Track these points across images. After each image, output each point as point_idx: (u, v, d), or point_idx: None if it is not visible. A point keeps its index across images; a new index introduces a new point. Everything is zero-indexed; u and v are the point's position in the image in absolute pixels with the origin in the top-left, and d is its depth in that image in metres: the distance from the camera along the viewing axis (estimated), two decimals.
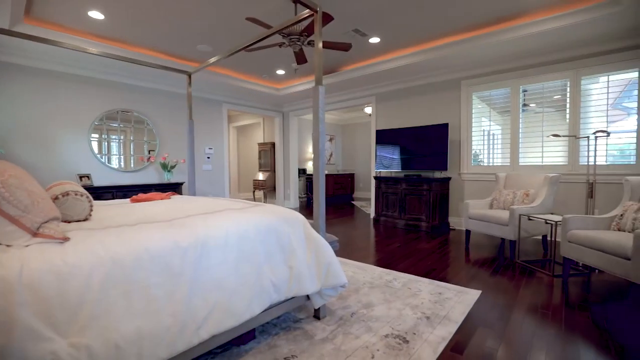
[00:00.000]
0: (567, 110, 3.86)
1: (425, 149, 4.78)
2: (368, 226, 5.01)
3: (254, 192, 8.47)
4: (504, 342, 1.70)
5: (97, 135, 4.49)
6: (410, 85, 5.17)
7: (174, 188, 4.95)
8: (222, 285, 1.38)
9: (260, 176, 8.10)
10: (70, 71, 4.18)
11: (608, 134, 3.29)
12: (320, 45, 1.91)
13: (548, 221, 2.80)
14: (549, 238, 3.58)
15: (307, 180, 8.34)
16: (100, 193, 4.16)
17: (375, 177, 5.30)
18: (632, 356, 1.56)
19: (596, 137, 3.30)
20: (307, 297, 1.85)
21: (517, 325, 1.88)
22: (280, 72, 5.20)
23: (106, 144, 4.59)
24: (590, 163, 3.53)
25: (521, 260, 3.10)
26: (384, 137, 5.32)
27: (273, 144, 7.81)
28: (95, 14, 3.17)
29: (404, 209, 4.87)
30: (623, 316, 1.97)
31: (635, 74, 3.46)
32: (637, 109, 3.44)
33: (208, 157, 5.91)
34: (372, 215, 5.55)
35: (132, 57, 3.23)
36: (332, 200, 8.28)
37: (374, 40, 3.91)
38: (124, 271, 1.13)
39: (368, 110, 7.08)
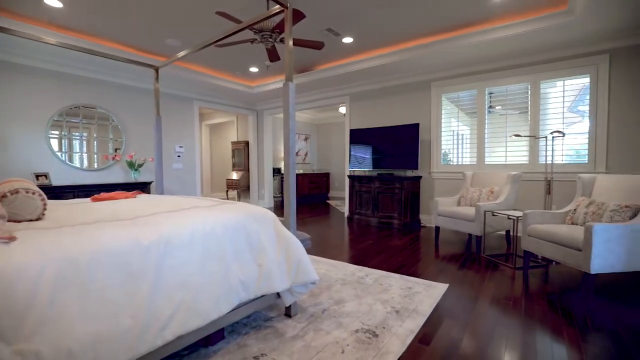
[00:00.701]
0: (529, 113, 4.08)
1: (397, 148, 4.88)
2: (342, 224, 5.05)
3: (227, 191, 8.30)
4: (469, 331, 1.77)
5: (57, 132, 4.22)
6: (383, 85, 5.27)
7: (142, 187, 4.75)
8: (188, 284, 1.34)
9: (234, 175, 7.95)
10: (24, 62, 3.89)
11: (563, 134, 3.51)
12: (291, 42, 1.90)
13: (510, 216, 2.95)
14: (511, 233, 3.77)
15: (282, 179, 8.28)
16: (59, 193, 3.91)
17: (349, 176, 5.35)
18: (584, 339, 1.67)
19: (553, 138, 3.52)
20: (278, 295, 1.84)
21: (481, 315, 1.96)
22: (254, 69, 5.13)
23: (67, 141, 4.32)
24: (548, 162, 3.76)
25: (486, 255, 3.24)
26: (358, 137, 5.38)
27: (247, 143, 7.69)
28: (52, 2, 2.97)
29: (377, 207, 4.95)
30: (576, 303, 2.11)
31: (588, 80, 3.72)
32: (589, 112, 3.70)
33: (178, 156, 5.72)
34: (347, 213, 5.60)
35: (94, 49, 3.04)
36: (307, 200, 8.27)
37: (347, 40, 3.95)
38: (78, 272, 1.06)
39: (342, 110, 7.13)
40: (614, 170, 3.58)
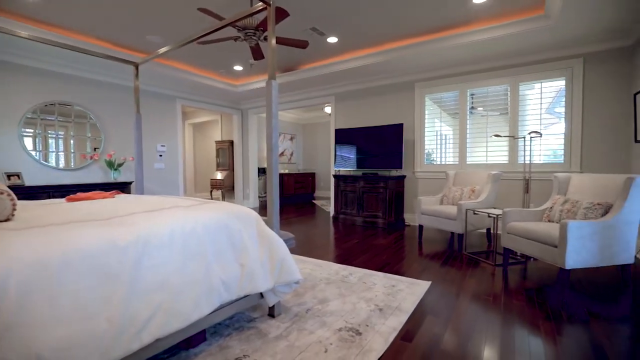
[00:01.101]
0: (508, 114, 4.20)
1: (382, 148, 4.93)
2: (328, 224, 5.06)
3: (211, 191, 8.18)
4: (450, 327, 1.80)
5: (30, 130, 4.05)
6: (368, 85, 5.31)
7: (122, 187, 4.61)
8: (167, 285, 1.30)
9: (219, 175, 7.84)
10: None
11: (540, 134, 3.63)
12: (274, 40, 1.88)
13: (490, 215, 3.02)
14: (492, 231, 3.87)
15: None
16: (33, 193, 3.75)
17: (335, 176, 5.36)
18: (558, 332, 1.73)
19: (531, 138, 3.63)
20: (261, 295, 1.82)
21: (462, 311, 2.00)
22: (238, 68, 5.07)
23: (42, 139, 4.15)
24: (526, 162, 3.87)
25: (468, 252, 3.31)
26: (343, 136, 5.40)
27: (231, 142, 7.60)
28: None
29: (362, 206, 4.98)
30: (552, 297, 2.18)
31: (564, 82, 3.85)
32: (565, 114, 3.83)
33: (160, 155, 5.59)
34: (332, 213, 5.61)
35: (71, 44, 2.89)
36: (293, 200, 8.24)
37: (332, 39, 3.96)
38: (48, 274, 1.02)
39: (328, 109, 7.15)
40: (587, 170, 3.72)
